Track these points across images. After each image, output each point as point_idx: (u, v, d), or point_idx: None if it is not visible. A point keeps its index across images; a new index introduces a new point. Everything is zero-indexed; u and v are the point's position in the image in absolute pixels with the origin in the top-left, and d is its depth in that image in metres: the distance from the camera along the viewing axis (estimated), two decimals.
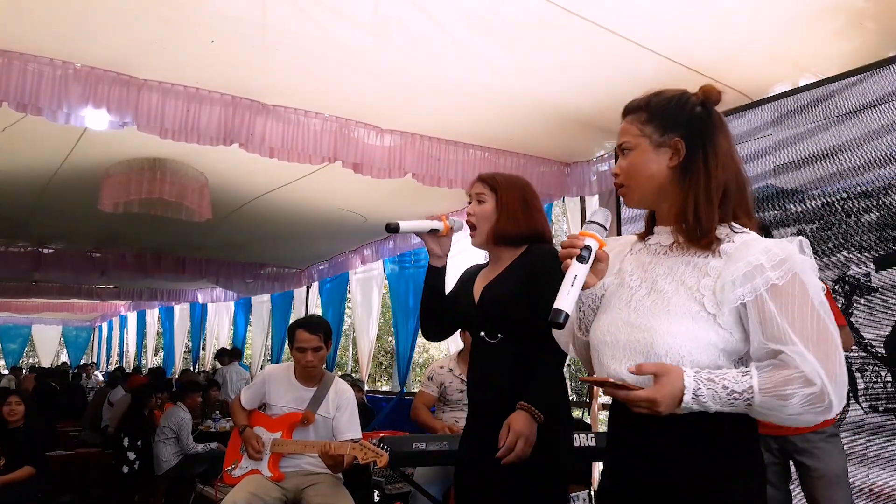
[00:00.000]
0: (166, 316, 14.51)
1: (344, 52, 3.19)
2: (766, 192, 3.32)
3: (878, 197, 2.90)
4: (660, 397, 1.15)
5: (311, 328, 3.08)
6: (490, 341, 1.95)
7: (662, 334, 1.23)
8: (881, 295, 2.85)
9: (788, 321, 1.16)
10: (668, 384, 1.15)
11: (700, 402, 1.15)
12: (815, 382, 1.13)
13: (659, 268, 1.33)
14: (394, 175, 4.14)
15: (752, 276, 1.20)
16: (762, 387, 1.14)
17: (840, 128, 3.02)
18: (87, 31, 3.02)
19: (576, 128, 3.98)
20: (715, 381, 1.15)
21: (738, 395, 1.15)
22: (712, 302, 1.22)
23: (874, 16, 2.82)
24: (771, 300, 1.18)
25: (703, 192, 1.28)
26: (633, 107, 1.40)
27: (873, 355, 2.86)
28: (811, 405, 1.13)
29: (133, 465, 5.18)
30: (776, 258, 1.19)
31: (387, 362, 15.78)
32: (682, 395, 1.15)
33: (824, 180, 3.08)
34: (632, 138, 1.36)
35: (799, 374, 1.14)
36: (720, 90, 1.36)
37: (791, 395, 1.13)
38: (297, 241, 7.36)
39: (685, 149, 1.31)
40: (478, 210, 2.01)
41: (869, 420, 2.85)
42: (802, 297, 1.17)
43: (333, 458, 2.81)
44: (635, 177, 1.35)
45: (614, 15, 2.85)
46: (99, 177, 4.76)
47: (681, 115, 1.34)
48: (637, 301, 1.31)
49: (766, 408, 1.15)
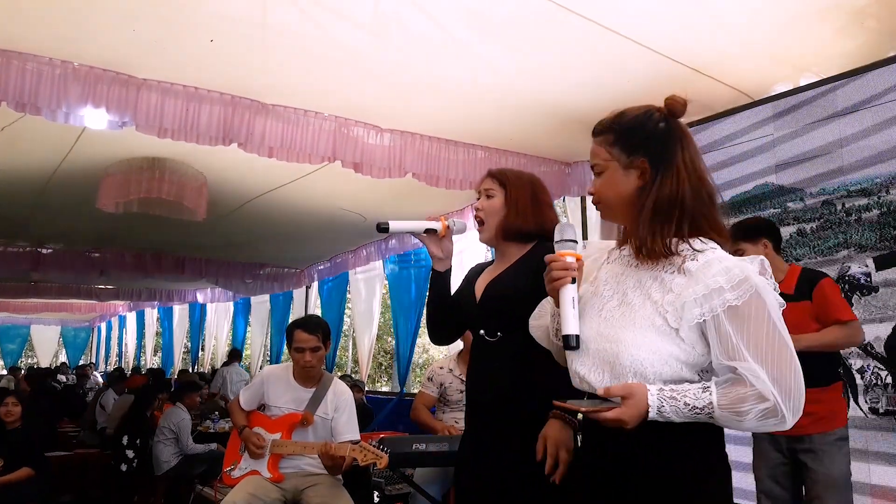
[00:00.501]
0: (165, 316, 14.50)
1: (344, 52, 3.19)
2: (765, 189, 3.31)
3: (879, 195, 2.88)
4: (626, 417, 1.24)
5: (310, 328, 3.08)
6: (489, 340, 1.93)
7: (628, 346, 1.31)
8: (881, 294, 2.83)
9: (744, 340, 1.24)
10: (633, 406, 1.24)
11: (664, 417, 1.25)
12: (768, 399, 1.21)
13: (629, 280, 1.39)
14: (394, 175, 4.13)
15: (710, 297, 1.26)
16: (720, 403, 1.23)
17: (841, 126, 3.01)
18: (86, 31, 3.01)
19: (576, 128, 3.97)
20: (677, 398, 1.25)
21: (699, 411, 1.24)
22: (674, 318, 1.29)
23: (875, 15, 2.82)
24: (727, 320, 1.25)
25: (647, 210, 1.34)
26: (600, 128, 1.45)
27: (873, 356, 2.84)
28: (765, 419, 1.23)
29: (132, 463, 5.17)
30: (735, 279, 1.25)
31: (387, 362, 15.76)
32: (647, 413, 1.24)
33: (824, 177, 3.06)
34: (601, 161, 1.42)
35: (753, 391, 1.22)
36: (685, 101, 1.41)
37: (747, 412, 1.22)
38: (297, 241, 7.35)
39: (649, 168, 1.36)
40: (486, 205, 2.00)
41: (869, 422, 2.82)
42: (759, 316, 1.24)
43: (333, 459, 2.81)
44: (607, 197, 1.42)
45: (615, 14, 2.85)
46: (98, 176, 4.75)
47: (642, 136, 1.38)
48: (608, 311, 1.38)
49: (724, 420, 1.25)
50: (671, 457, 1.30)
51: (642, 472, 1.31)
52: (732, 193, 3.42)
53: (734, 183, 3.43)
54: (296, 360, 3.11)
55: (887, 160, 2.84)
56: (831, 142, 3.04)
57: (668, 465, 1.30)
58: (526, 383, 1.85)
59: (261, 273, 9.13)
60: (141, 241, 7.67)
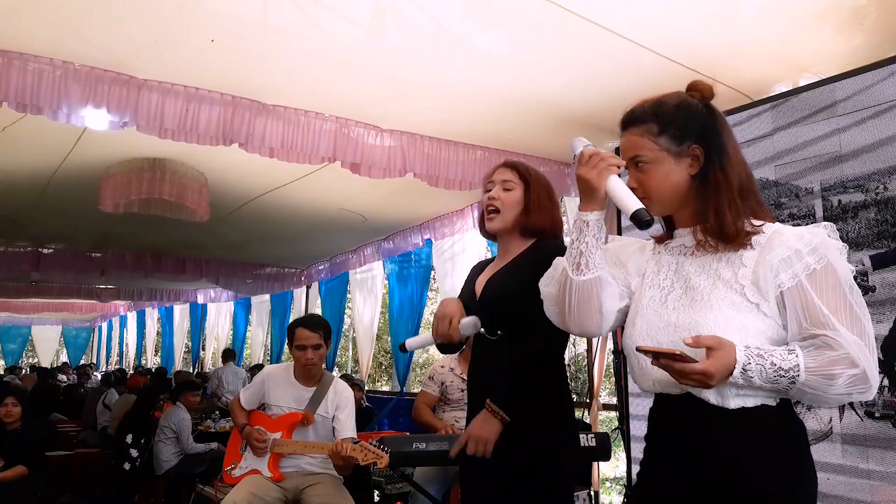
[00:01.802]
0: (166, 316, 14.51)
1: (344, 52, 3.19)
2: (759, 185, 3.29)
3: (877, 191, 2.83)
4: (713, 370, 1.16)
5: (311, 326, 3.09)
6: (490, 338, 1.92)
7: (710, 329, 1.23)
8: (878, 294, 2.78)
9: (828, 307, 1.19)
10: (722, 358, 1.16)
11: (747, 377, 1.17)
12: (858, 364, 1.16)
13: (689, 267, 1.33)
14: (394, 175, 4.13)
15: (791, 261, 1.22)
16: (808, 366, 1.17)
17: (839, 123, 2.99)
18: (87, 31, 3.02)
19: (576, 128, 3.97)
20: (764, 356, 1.18)
21: (784, 373, 1.17)
22: (754, 291, 1.24)
23: (874, 15, 2.82)
24: (810, 286, 1.21)
25: (725, 195, 1.29)
26: (637, 118, 1.38)
27: None
28: (855, 385, 1.17)
29: (135, 462, 5.18)
30: (810, 244, 1.23)
31: (387, 362, 15.77)
32: (734, 369, 1.17)
33: (820, 173, 3.02)
34: (648, 152, 1.35)
35: (845, 355, 1.16)
36: (710, 83, 1.37)
37: (838, 375, 1.16)
38: (297, 241, 7.36)
39: (703, 155, 1.32)
40: (504, 196, 1.98)
41: (864, 427, 2.75)
42: (836, 283, 1.21)
43: (345, 460, 2.80)
44: (658, 189, 1.35)
45: (614, 15, 2.85)
46: (99, 177, 4.76)
47: (693, 122, 1.33)
48: (674, 301, 1.32)
49: (810, 387, 1.17)
50: (758, 456, 1.23)
51: (725, 469, 1.23)
52: None
53: None
54: (297, 359, 3.12)
55: (885, 156, 2.81)
56: (829, 140, 3.02)
57: (753, 466, 1.22)
58: (526, 380, 1.85)
59: (261, 273, 9.13)
60: (141, 241, 7.67)
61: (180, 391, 5.63)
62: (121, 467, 5.23)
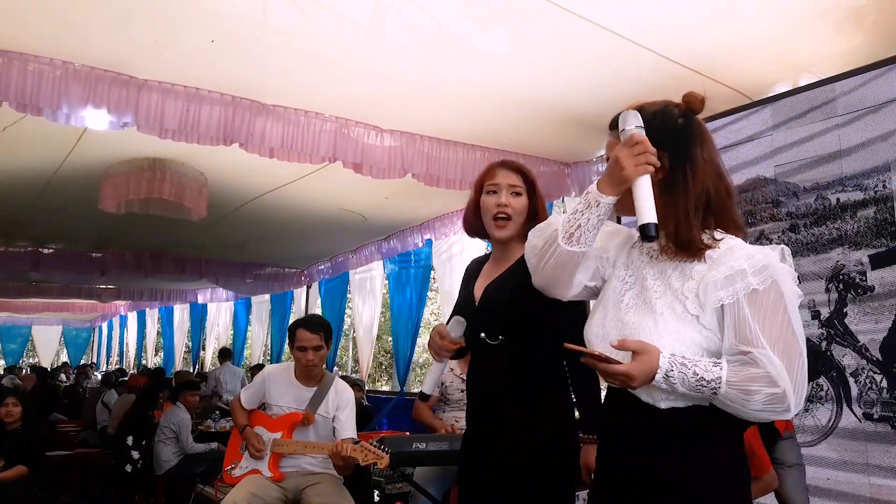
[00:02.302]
0: (166, 316, 14.51)
1: (344, 52, 3.19)
2: (757, 183, 3.26)
3: (876, 189, 2.78)
4: (635, 373, 1.23)
5: (312, 327, 3.09)
6: (491, 343, 1.90)
7: (649, 332, 1.30)
8: (877, 295, 2.73)
9: (760, 326, 1.24)
10: (644, 362, 1.24)
11: (669, 383, 1.24)
12: (779, 384, 1.21)
13: (650, 270, 1.39)
14: (394, 175, 4.13)
15: (733, 280, 1.27)
16: (730, 380, 1.22)
17: (838, 122, 2.98)
18: (87, 31, 3.02)
19: (576, 128, 3.98)
20: (687, 365, 1.24)
21: (706, 384, 1.23)
22: (695, 304, 1.30)
23: (874, 15, 2.82)
24: (747, 305, 1.25)
25: (682, 208, 1.33)
26: (615, 122, 1.43)
27: (868, 359, 2.74)
28: (772, 404, 1.22)
29: (136, 463, 5.18)
30: (758, 264, 1.27)
31: (387, 362, 15.77)
32: (656, 374, 1.23)
33: (819, 171, 3.00)
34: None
35: (765, 374, 1.22)
36: (703, 98, 1.40)
37: (755, 392, 1.21)
38: (297, 241, 7.36)
39: (669, 164, 1.36)
40: (514, 203, 1.93)
41: (862, 428, 2.73)
42: (776, 305, 1.25)
43: (346, 460, 2.80)
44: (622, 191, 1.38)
45: (614, 15, 2.85)
46: (99, 177, 4.76)
47: (664, 131, 1.38)
48: (629, 299, 1.39)
49: (729, 399, 1.23)
50: (692, 451, 1.29)
51: (660, 466, 1.30)
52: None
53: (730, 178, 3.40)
54: (298, 359, 3.12)
55: (884, 155, 2.79)
56: (829, 139, 3.00)
57: (688, 460, 1.29)
58: (529, 385, 1.84)
59: (261, 273, 9.13)
60: (142, 241, 7.68)
61: (180, 391, 5.63)
62: (122, 469, 5.22)
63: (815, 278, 2.96)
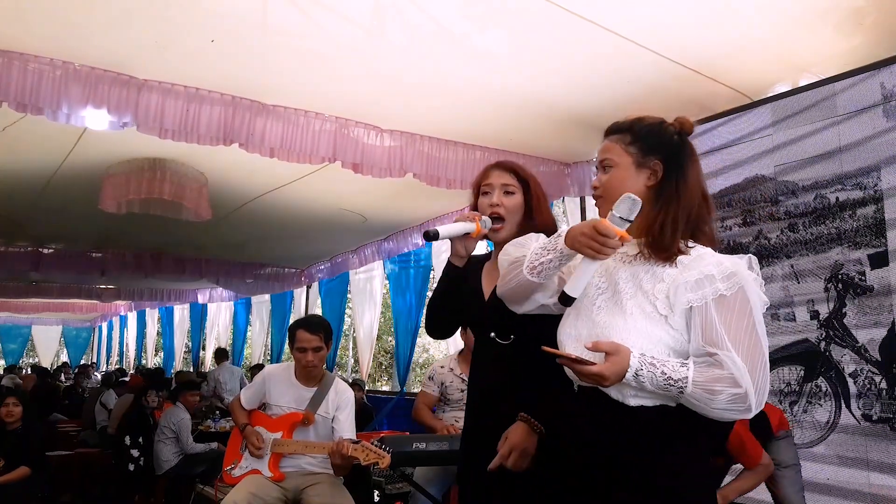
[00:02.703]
0: (166, 316, 14.51)
1: (344, 52, 3.19)
2: (755, 181, 3.25)
3: (875, 188, 2.76)
4: (608, 373, 1.31)
5: (312, 328, 3.09)
6: (501, 342, 1.88)
7: (619, 331, 1.38)
8: (876, 295, 2.71)
9: (726, 329, 1.32)
10: (616, 363, 1.31)
11: (639, 382, 1.31)
12: (741, 386, 1.28)
13: (623, 273, 1.46)
14: (394, 175, 4.13)
15: (702, 284, 1.35)
16: (696, 379, 1.29)
17: (838, 118, 2.97)
18: (87, 31, 3.02)
19: (576, 128, 3.98)
20: (656, 365, 1.31)
21: (673, 383, 1.30)
22: (665, 305, 1.37)
23: (873, 15, 2.82)
24: (715, 309, 1.33)
25: (671, 215, 1.43)
26: (617, 128, 1.54)
27: (867, 360, 2.73)
28: (734, 403, 1.29)
29: (137, 461, 5.18)
30: (726, 271, 1.35)
31: (387, 362, 15.77)
32: (626, 373, 1.31)
33: (818, 168, 2.99)
34: (615, 156, 1.50)
35: (729, 375, 1.29)
36: (693, 123, 1.52)
37: (719, 392, 1.28)
38: (297, 241, 7.36)
39: (662, 172, 1.47)
40: (507, 202, 1.93)
41: (861, 429, 2.72)
42: (742, 310, 1.33)
43: (344, 459, 2.80)
44: (614, 191, 1.46)
45: (615, 15, 2.85)
46: (99, 177, 4.76)
47: (661, 141, 1.49)
48: (602, 301, 1.46)
49: (695, 398, 1.30)
50: (651, 454, 1.36)
51: (629, 473, 1.36)
52: (723, 185, 3.37)
53: (730, 177, 3.39)
54: (298, 360, 3.12)
55: (884, 154, 2.78)
56: (829, 139, 2.99)
57: (654, 467, 1.35)
58: (531, 385, 1.83)
59: (261, 273, 9.13)
60: (142, 241, 7.67)
61: (180, 391, 5.62)
62: (124, 468, 5.23)
63: (814, 278, 2.96)
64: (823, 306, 2.92)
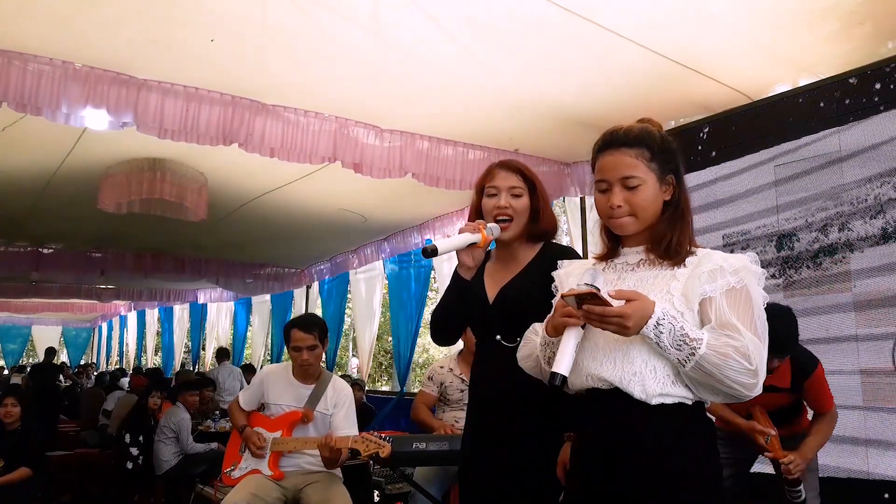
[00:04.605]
0: (166, 316, 14.50)
1: (344, 52, 3.19)
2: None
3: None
4: (630, 312, 1.32)
5: (306, 327, 3.09)
6: (507, 345, 1.87)
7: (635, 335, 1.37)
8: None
9: (737, 317, 1.37)
10: (639, 307, 1.33)
11: (657, 333, 1.33)
12: (752, 363, 1.32)
13: (628, 282, 1.48)
14: (394, 175, 4.13)
15: (715, 276, 1.40)
16: (710, 342, 1.33)
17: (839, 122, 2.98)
18: (86, 31, 3.02)
19: (576, 128, 3.98)
20: (677, 320, 1.34)
21: (689, 341, 1.32)
22: (681, 301, 1.40)
23: (873, 15, 2.82)
24: (725, 300, 1.39)
25: (685, 221, 1.49)
26: (632, 141, 1.49)
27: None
28: (741, 377, 1.32)
29: (137, 460, 5.18)
30: (734, 265, 1.41)
31: (387, 362, 15.77)
32: (649, 319, 1.32)
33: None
34: (642, 174, 1.47)
35: (743, 346, 1.32)
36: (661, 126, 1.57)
37: (732, 360, 1.31)
38: (297, 241, 7.36)
39: (675, 185, 1.51)
40: (515, 204, 1.92)
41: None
42: (747, 301, 1.39)
43: (331, 450, 2.80)
44: (644, 209, 1.48)
45: (614, 15, 2.85)
46: (98, 177, 4.76)
47: (672, 155, 1.51)
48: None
49: (706, 361, 1.32)
50: (671, 445, 1.38)
51: (641, 461, 1.38)
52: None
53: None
54: (294, 359, 3.13)
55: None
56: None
57: (666, 456, 1.38)
58: (536, 386, 1.82)
59: (261, 273, 9.13)
60: (141, 241, 7.67)
61: (180, 391, 5.62)
62: (124, 467, 5.22)
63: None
64: None
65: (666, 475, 1.37)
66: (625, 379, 1.39)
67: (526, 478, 1.79)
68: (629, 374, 1.39)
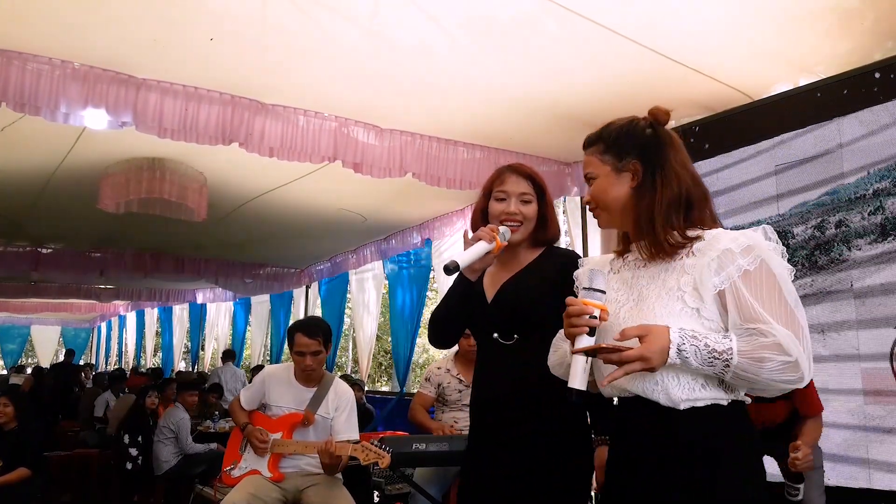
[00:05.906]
0: (165, 316, 14.49)
1: (344, 52, 3.19)
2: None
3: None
4: (648, 353, 1.25)
5: (310, 332, 3.07)
6: (505, 343, 1.88)
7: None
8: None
9: (762, 304, 1.28)
10: (655, 341, 1.25)
11: (683, 357, 1.25)
12: (790, 354, 1.23)
13: (641, 280, 1.43)
14: (394, 175, 4.13)
15: (724, 264, 1.31)
16: (741, 349, 1.25)
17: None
18: (85, 31, 3.01)
19: (576, 128, 3.94)
20: (698, 338, 1.26)
21: (718, 355, 1.25)
22: (694, 297, 1.33)
23: (874, 15, 2.82)
24: (744, 286, 1.29)
25: (655, 206, 1.40)
26: (589, 140, 1.55)
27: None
28: (785, 372, 1.24)
29: (136, 460, 5.18)
30: (744, 244, 1.31)
31: (386, 362, 15.76)
32: (669, 350, 1.25)
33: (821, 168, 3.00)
34: (594, 168, 1.51)
35: (775, 342, 1.24)
36: (668, 111, 1.50)
37: (768, 360, 1.23)
38: (296, 241, 7.35)
39: (642, 169, 1.45)
40: (525, 210, 1.92)
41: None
42: (770, 284, 1.29)
43: (331, 457, 2.80)
44: (603, 201, 1.49)
45: (615, 14, 2.85)
46: (98, 176, 4.76)
47: (633, 140, 1.47)
48: (626, 313, 1.42)
49: (742, 370, 1.25)
50: (706, 448, 1.31)
51: (678, 470, 1.31)
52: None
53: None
54: (297, 363, 3.12)
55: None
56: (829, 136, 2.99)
57: (704, 468, 1.30)
58: (539, 385, 1.82)
59: (261, 273, 9.13)
60: (141, 241, 7.67)
61: (179, 391, 5.62)
62: (123, 467, 5.22)
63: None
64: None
65: (701, 488, 1.30)
66: (647, 388, 1.34)
67: (535, 479, 1.77)
68: (651, 384, 1.33)
